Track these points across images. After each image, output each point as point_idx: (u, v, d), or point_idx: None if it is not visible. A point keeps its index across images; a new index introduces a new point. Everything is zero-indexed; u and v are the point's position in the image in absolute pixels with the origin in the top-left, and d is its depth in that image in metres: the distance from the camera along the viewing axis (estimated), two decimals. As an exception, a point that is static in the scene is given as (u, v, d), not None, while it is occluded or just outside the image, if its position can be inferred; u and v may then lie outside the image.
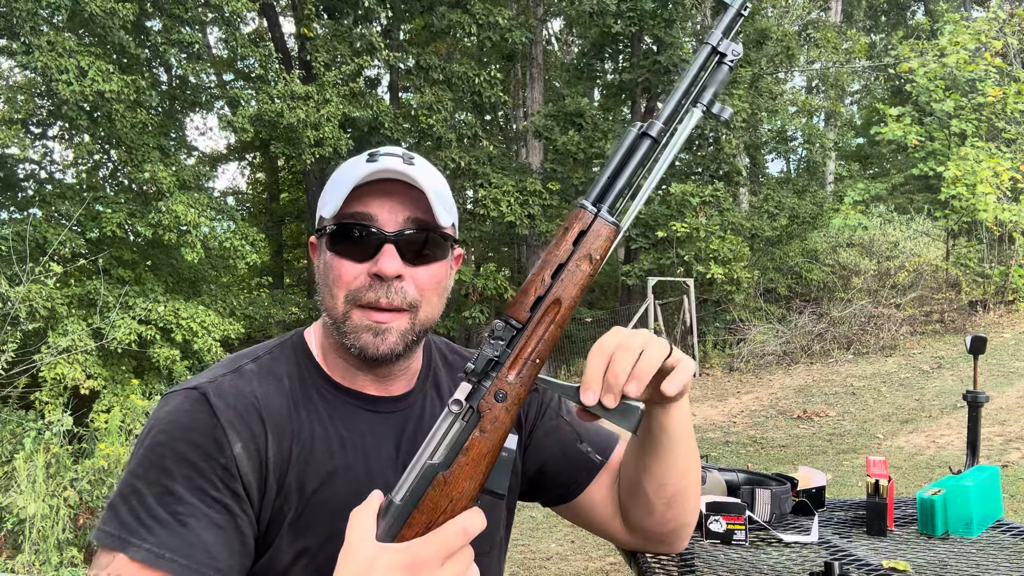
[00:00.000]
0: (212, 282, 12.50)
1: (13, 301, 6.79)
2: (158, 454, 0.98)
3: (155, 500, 0.95)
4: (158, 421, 1.02)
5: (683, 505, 1.19)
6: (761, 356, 12.58)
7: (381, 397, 1.12)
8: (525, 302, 0.88)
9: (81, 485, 5.31)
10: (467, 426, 0.85)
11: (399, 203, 1.05)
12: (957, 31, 13.07)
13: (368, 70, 14.74)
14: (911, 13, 24.69)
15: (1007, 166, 12.27)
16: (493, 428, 0.85)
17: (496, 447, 0.85)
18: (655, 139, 0.91)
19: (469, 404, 0.85)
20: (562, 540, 5.67)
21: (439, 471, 0.83)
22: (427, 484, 0.82)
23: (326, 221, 1.08)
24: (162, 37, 11.01)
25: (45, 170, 12.32)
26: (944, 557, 1.53)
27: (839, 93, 20.45)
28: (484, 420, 0.85)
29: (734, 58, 0.93)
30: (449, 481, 0.83)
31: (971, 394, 2.24)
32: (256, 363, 1.10)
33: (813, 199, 15.64)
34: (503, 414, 0.86)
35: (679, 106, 0.93)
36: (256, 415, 1.03)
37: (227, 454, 0.99)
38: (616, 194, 0.90)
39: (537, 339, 0.87)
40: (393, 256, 1.03)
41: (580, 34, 19.15)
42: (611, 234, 0.89)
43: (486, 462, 0.85)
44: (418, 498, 0.82)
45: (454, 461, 0.83)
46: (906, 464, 6.97)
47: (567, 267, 0.89)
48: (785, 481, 1.90)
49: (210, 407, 1.01)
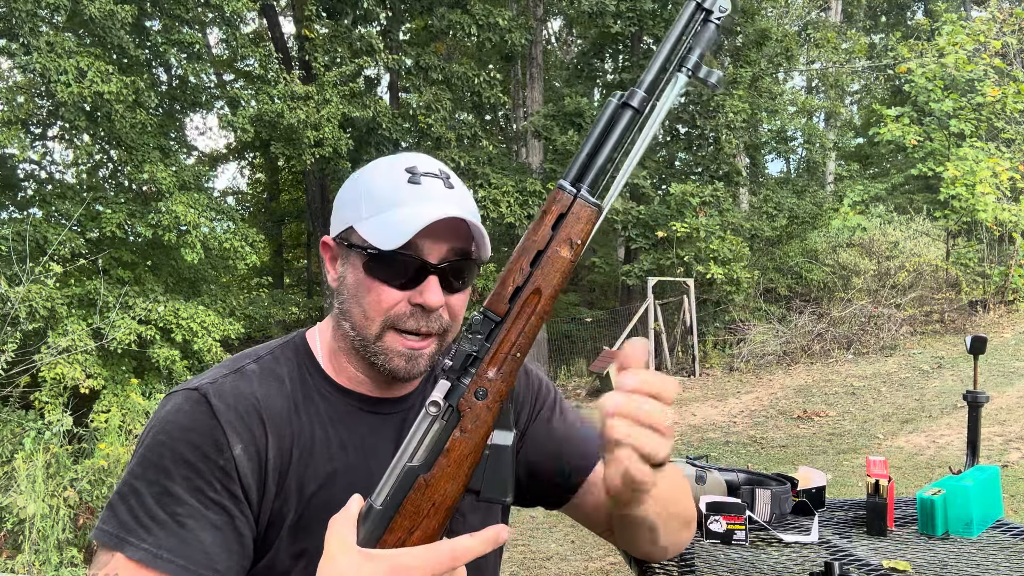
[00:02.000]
0: (212, 282, 12.50)
1: (13, 301, 6.79)
2: (157, 454, 0.98)
3: (154, 500, 0.95)
4: (158, 421, 1.02)
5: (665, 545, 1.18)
6: (761, 356, 12.58)
7: (382, 399, 1.12)
8: (503, 293, 0.83)
9: (81, 485, 5.31)
10: (447, 426, 0.81)
11: (443, 232, 1.02)
12: (955, 31, 13.07)
13: (367, 70, 14.74)
14: (911, 13, 24.70)
15: (1006, 166, 12.27)
16: (474, 427, 0.82)
17: (479, 447, 0.82)
18: (637, 109, 0.83)
19: (448, 403, 0.82)
20: (562, 540, 5.67)
21: (419, 474, 0.80)
22: (408, 488, 0.80)
23: (362, 239, 1.02)
24: (162, 37, 11.01)
25: (45, 170, 12.33)
26: (944, 557, 1.53)
27: (839, 93, 20.46)
28: (464, 419, 0.82)
29: (721, 15, 0.85)
30: (430, 484, 0.80)
31: (971, 394, 2.24)
32: (258, 363, 1.10)
33: (813, 199, 15.64)
34: (484, 412, 0.82)
35: (662, 71, 0.85)
36: (257, 416, 1.03)
37: (226, 455, 0.99)
38: (596, 172, 0.84)
39: (517, 332, 0.83)
40: (436, 289, 1.01)
41: (580, 34, 19.16)
42: (592, 216, 0.84)
43: (468, 463, 0.82)
44: (399, 502, 0.80)
45: (435, 463, 0.81)
46: (906, 464, 6.97)
47: (546, 253, 0.83)
48: (785, 481, 1.90)
49: (210, 408, 1.01)
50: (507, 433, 0.85)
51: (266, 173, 20.70)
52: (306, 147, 11.91)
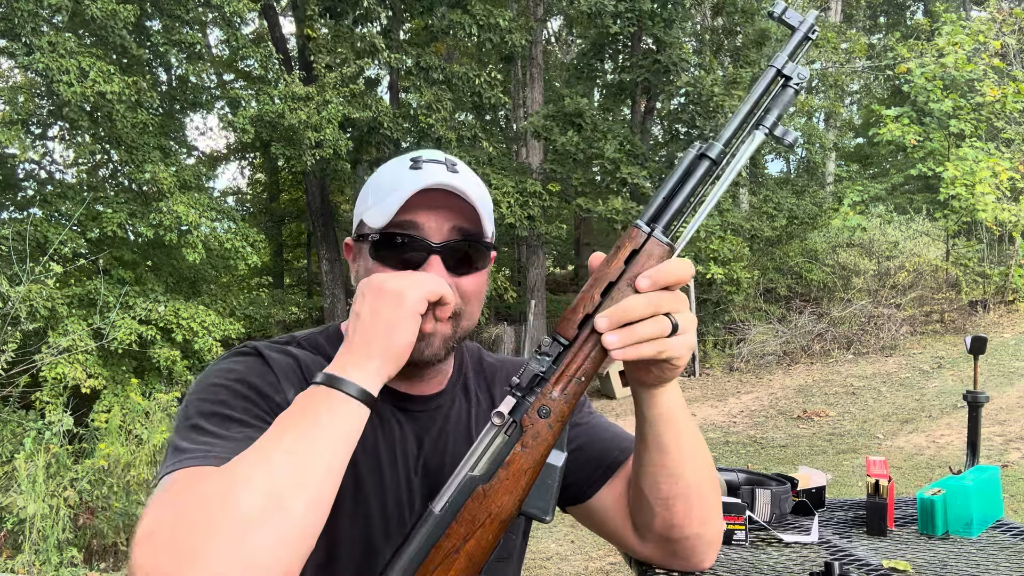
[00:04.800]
0: (212, 282, 12.52)
1: (13, 301, 6.80)
2: (213, 393, 0.99)
3: (213, 426, 0.95)
4: (213, 371, 1.03)
5: (685, 511, 1.10)
6: (761, 356, 12.58)
7: (412, 395, 1.13)
8: (574, 319, 0.88)
9: (81, 485, 5.31)
10: (509, 440, 0.85)
11: (445, 213, 1.04)
12: (955, 31, 13.07)
13: (369, 71, 14.74)
14: (910, 13, 24.71)
15: (1006, 166, 12.27)
16: (535, 444, 0.85)
17: (538, 463, 0.85)
18: (714, 160, 0.89)
19: (512, 418, 0.85)
20: (562, 540, 5.67)
21: (479, 483, 0.83)
22: (466, 496, 0.83)
23: (368, 227, 1.06)
24: (163, 37, 11.02)
25: (45, 170, 12.34)
26: (944, 557, 1.53)
27: (839, 93, 20.45)
28: (526, 435, 0.85)
29: (799, 81, 0.92)
30: (488, 495, 0.83)
31: (971, 394, 2.24)
32: (297, 345, 1.12)
33: (813, 199, 15.63)
34: (545, 430, 0.85)
35: (741, 128, 0.91)
36: (302, 376, 1.05)
37: (281, 396, 1.01)
38: (671, 215, 0.89)
39: (584, 356, 0.87)
40: (439, 268, 1.03)
41: (580, 34, 19.16)
42: (664, 254, 0.88)
43: (527, 478, 0.84)
44: (457, 509, 0.82)
45: (494, 475, 0.83)
46: (906, 464, 6.97)
47: (617, 286, 0.87)
48: (785, 481, 1.90)
49: (264, 359, 1.04)
50: (560, 454, 0.88)
51: (266, 173, 20.70)
52: (307, 148, 11.92)
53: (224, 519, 0.77)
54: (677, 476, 1.07)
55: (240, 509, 0.77)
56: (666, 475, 1.07)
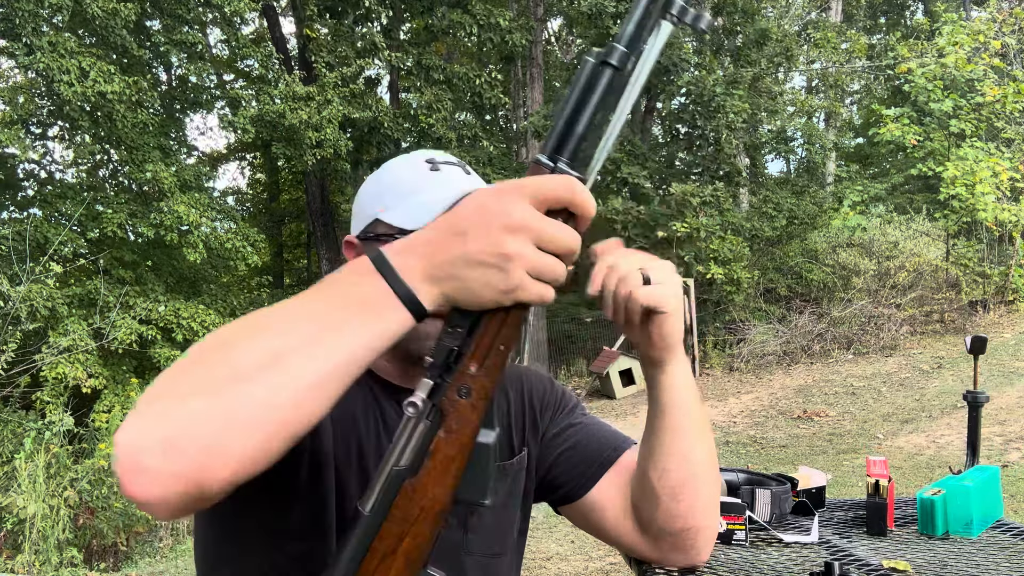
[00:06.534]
0: (212, 282, 12.52)
1: (13, 301, 6.80)
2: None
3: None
4: None
5: (691, 500, 1.12)
6: (761, 356, 12.59)
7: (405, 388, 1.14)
8: None
9: (81, 485, 5.31)
10: (431, 427, 0.75)
11: None
12: (955, 31, 13.08)
13: (368, 70, 14.75)
14: (910, 13, 24.71)
15: (1006, 166, 12.27)
16: (459, 427, 0.75)
17: (465, 448, 0.76)
18: (617, 67, 0.74)
19: (431, 402, 0.75)
20: (562, 540, 5.67)
21: (406, 477, 0.76)
22: (395, 492, 0.75)
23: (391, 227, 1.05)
24: (163, 37, 11.02)
25: (45, 170, 12.35)
26: (944, 557, 1.53)
27: (839, 93, 20.45)
28: (448, 419, 0.75)
29: None
30: (417, 488, 0.75)
31: (971, 394, 2.24)
32: None
33: (813, 199, 15.63)
34: (469, 411, 0.75)
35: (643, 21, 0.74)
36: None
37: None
38: (576, 141, 0.75)
39: (499, 322, 0.74)
40: None
41: (580, 34, 19.16)
42: None
43: (455, 465, 0.76)
44: (387, 507, 0.76)
45: (421, 466, 0.75)
46: (906, 464, 6.97)
47: None
48: (785, 481, 1.90)
49: None
50: (490, 432, 0.78)
51: (266, 173, 20.71)
52: (307, 148, 11.93)
53: (220, 360, 0.70)
54: (687, 458, 1.09)
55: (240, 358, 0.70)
56: (678, 460, 1.09)
